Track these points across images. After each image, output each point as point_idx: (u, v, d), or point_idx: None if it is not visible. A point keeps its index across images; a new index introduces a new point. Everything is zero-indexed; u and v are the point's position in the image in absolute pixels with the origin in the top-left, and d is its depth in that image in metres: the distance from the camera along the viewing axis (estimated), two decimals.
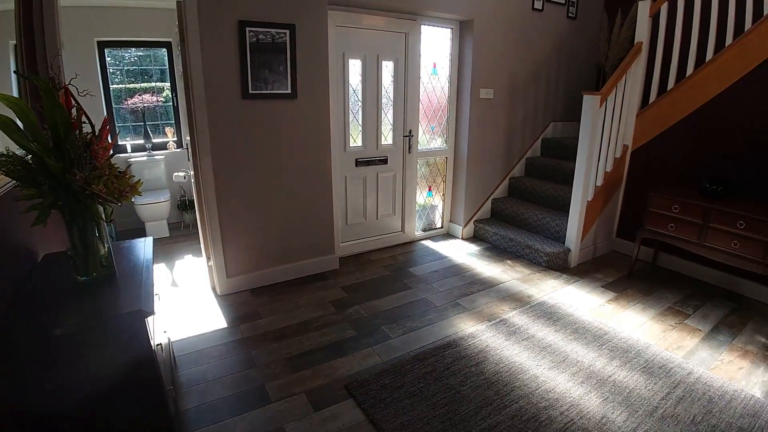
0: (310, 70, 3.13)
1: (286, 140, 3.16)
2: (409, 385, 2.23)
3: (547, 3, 4.35)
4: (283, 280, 3.39)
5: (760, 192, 3.23)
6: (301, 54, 3.07)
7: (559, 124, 4.86)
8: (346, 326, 2.78)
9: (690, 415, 2.10)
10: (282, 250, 3.35)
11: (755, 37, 3.14)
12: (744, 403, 2.19)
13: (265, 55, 2.92)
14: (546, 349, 2.58)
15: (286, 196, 3.26)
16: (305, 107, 3.18)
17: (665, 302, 3.24)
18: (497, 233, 4.15)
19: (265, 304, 3.04)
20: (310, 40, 3.08)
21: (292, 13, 2.98)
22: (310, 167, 3.31)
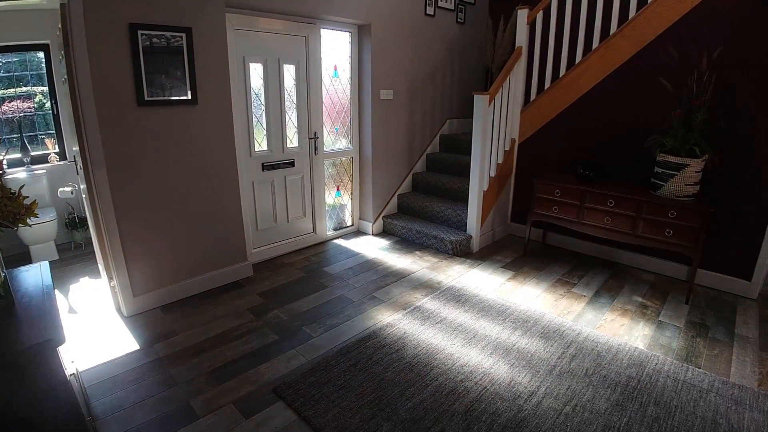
0: (210, 74, 3.06)
1: (189, 148, 3.06)
2: (335, 380, 2.33)
3: (438, 9, 4.66)
4: (196, 293, 3.29)
5: (624, 174, 3.80)
6: (200, 58, 2.99)
7: (455, 121, 5.23)
8: (267, 331, 2.80)
9: (583, 369, 2.45)
10: (192, 263, 3.24)
11: (619, 41, 3.66)
12: (629, 354, 2.61)
13: (161, 59, 2.81)
14: (458, 329, 2.82)
15: (192, 206, 3.15)
16: (207, 113, 3.10)
17: (555, 275, 3.68)
18: (405, 227, 4.38)
19: (179, 320, 2.94)
20: (208, 44, 3.02)
21: (188, 15, 2.89)
22: (215, 175, 3.24)
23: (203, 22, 2.97)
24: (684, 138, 3.19)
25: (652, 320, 3.03)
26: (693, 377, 2.42)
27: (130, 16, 2.65)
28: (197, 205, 3.18)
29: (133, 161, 2.82)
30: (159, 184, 2.96)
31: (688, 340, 2.81)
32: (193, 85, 2.99)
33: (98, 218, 2.81)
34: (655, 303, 3.27)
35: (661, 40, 3.49)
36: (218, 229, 3.33)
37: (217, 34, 3.05)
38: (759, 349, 2.73)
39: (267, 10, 3.40)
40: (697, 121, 3.16)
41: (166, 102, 2.88)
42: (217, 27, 3.05)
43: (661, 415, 2.13)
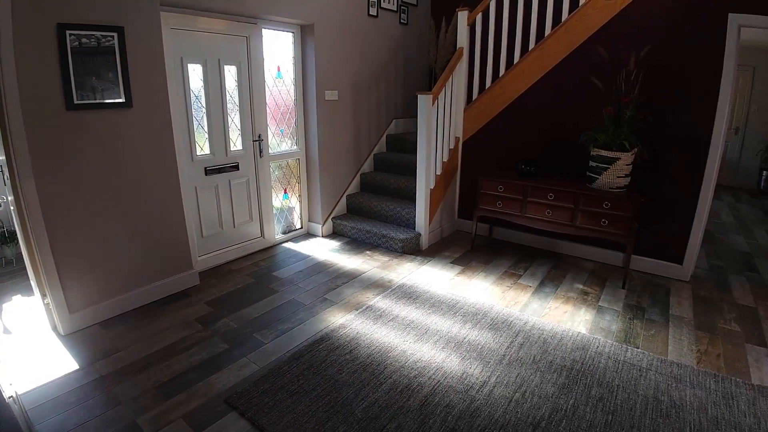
0: (145, 76, 2.92)
1: (126, 154, 2.90)
2: (289, 385, 2.29)
3: (381, 10, 4.70)
4: (139, 306, 3.12)
5: (562, 169, 3.98)
6: (134, 59, 2.84)
7: (401, 120, 5.28)
8: (217, 341, 2.71)
9: (531, 357, 2.54)
10: (133, 274, 3.08)
11: (553, 42, 3.83)
12: (573, 339, 2.73)
13: (91, 60, 2.65)
14: (410, 326, 2.85)
15: (130, 215, 2.99)
16: (143, 116, 2.96)
17: (502, 268, 3.80)
18: (355, 227, 4.38)
19: (121, 335, 2.78)
20: (142, 44, 2.88)
21: (120, 14, 2.74)
22: (155, 181, 3.09)
23: (137, 21, 2.83)
24: (615, 133, 3.39)
25: (592, 306, 3.19)
26: (632, 357, 2.57)
27: (58, 15, 2.48)
28: (136, 213, 3.03)
29: (63, 170, 2.64)
30: (93, 193, 2.79)
31: (626, 322, 2.98)
32: (127, 87, 2.84)
33: (28, 232, 2.61)
34: (594, 289, 3.45)
35: (592, 41, 3.69)
36: (160, 238, 3.19)
37: (152, 33, 2.92)
38: (695, 328, 2.94)
39: (205, 9, 3.29)
40: (626, 117, 3.36)
41: (98, 105, 2.72)
42: (152, 26, 2.91)
43: (605, 395, 2.25)
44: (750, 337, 2.84)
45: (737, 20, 3.15)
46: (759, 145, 7.20)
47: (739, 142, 7.49)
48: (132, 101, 2.88)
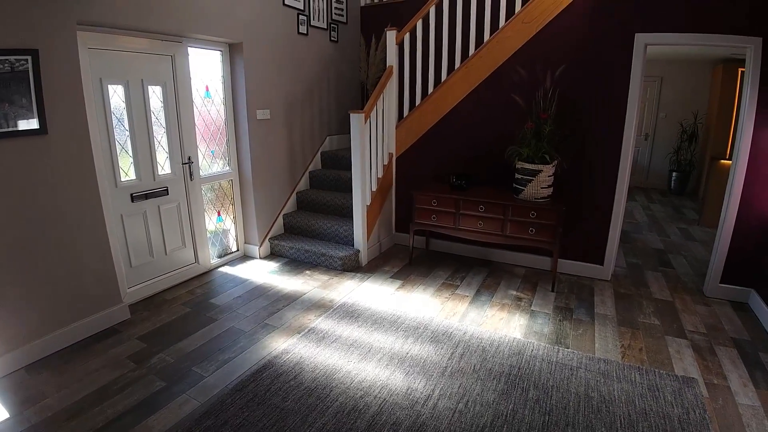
0: (61, 99, 2.74)
1: (42, 183, 2.69)
2: (233, 419, 2.22)
3: (311, 28, 4.72)
4: (65, 347, 2.88)
5: (491, 182, 4.19)
6: (49, 82, 2.66)
7: (335, 137, 5.31)
8: (153, 379, 2.57)
9: (471, 366, 2.64)
10: (57, 313, 2.85)
11: (477, 62, 4.04)
12: (509, 345, 2.86)
13: (5, 86, 2.45)
14: (353, 345, 2.86)
15: (50, 250, 2.77)
16: (60, 143, 2.77)
17: (440, 279, 3.92)
18: (293, 247, 4.33)
19: (49, 380, 2.55)
20: (58, 66, 2.70)
21: (34, 36, 2.56)
22: (75, 211, 2.89)
23: (52, 42, 2.65)
24: (536, 147, 3.62)
25: (525, 311, 3.37)
26: (563, 357, 2.74)
27: None
28: (56, 247, 2.81)
29: None
30: (7, 228, 2.56)
31: (556, 324, 3.18)
32: (42, 113, 2.65)
33: None
34: (527, 294, 3.64)
35: (511, 61, 3.94)
36: (84, 272, 2.98)
37: (68, 54, 2.75)
38: (617, 324, 3.19)
39: (126, 28, 3.14)
40: (546, 132, 3.61)
41: (11, 134, 2.51)
42: (68, 47, 2.75)
43: (541, 396, 2.39)
44: (669, 330, 3.12)
45: (643, 39, 3.50)
46: (668, 149, 7.96)
47: (649, 146, 8.25)
48: (47, 127, 2.69)
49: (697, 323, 3.21)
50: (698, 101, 7.62)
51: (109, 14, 2.93)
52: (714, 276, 3.63)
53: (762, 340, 3.03)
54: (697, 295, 3.68)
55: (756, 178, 3.37)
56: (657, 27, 3.45)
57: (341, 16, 5.24)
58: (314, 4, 4.75)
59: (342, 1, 5.22)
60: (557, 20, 3.75)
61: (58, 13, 2.66)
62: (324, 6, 4.92)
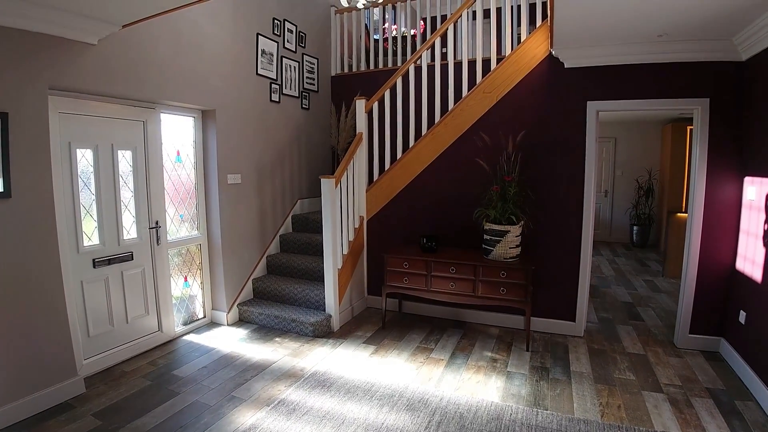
0: (27, 163, 2.69)
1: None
2: None
3: (283, 96, 4.88)
4: (13, 423, 2.63)
5: (460, 243, 4.25)
6: (17, 145, 2.62)
7: (306, 200, 5.35)
8: None
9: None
10: (5, 386, 2.62)
11: (442, 129, 4.23)
12: (487, 410, 2.79)
13: None
14: (326, 417, 2.72)
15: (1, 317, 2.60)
16: (22, 207, 2.68)
17: (414, 343, 3.84)
18: (262, 312, 4.20)
19: None
20: (27, 130, 2.67)
21: (5, 99, 2.55)
22: (31, 277, 2.74)
23: (23, 106, 2.65)
24: (503, 209, 3.74)
25: (502, 372, 3.32)
26: (543, 420, 2.68)
27: None
28: (9, 313, 2.63)
29: None
30: None
31: (533, 384, 3.13)
32: (7, 176, 2.59)
33: None
34: (502, 355, 3.60)
35: (475, 127, 4.14)
36: (38, 342, 2.78)
37: (38, 118, 2.74)
38: (594, 381, 3.17)
39: (98, 94, 3.16)
40: (511, 194, 3.74)
41: None
42: (39, 111, 2.74)
43: None
44: (645, 384, 3.12)
45: (595, 106, 3.77)
46: (627, 204, 8.34)
47: (609, 202, 8.63)
48: (11, 191, 2.62)
49: (672, 376, 3.23)
50: (651, 158, 8.13)
51: (82, 80, 2.97)
52: (683, 327, 3.70)
53: (736, 387, 3.06)
54: (669, 347, 3.72)
55: (712, 230, 3.54)
56: (607, 95, 3.73)
57: (312, 84, 5.45)
58: (287, 73, 4.94)
59: (313, 71, 5.45)
60: (516, 89, 4.02)
61: (31, 77, 2.68)
62: (296, 75, 5.12)
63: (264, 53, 4.55)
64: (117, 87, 3.19)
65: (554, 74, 3.89)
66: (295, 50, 5.06)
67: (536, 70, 3.97)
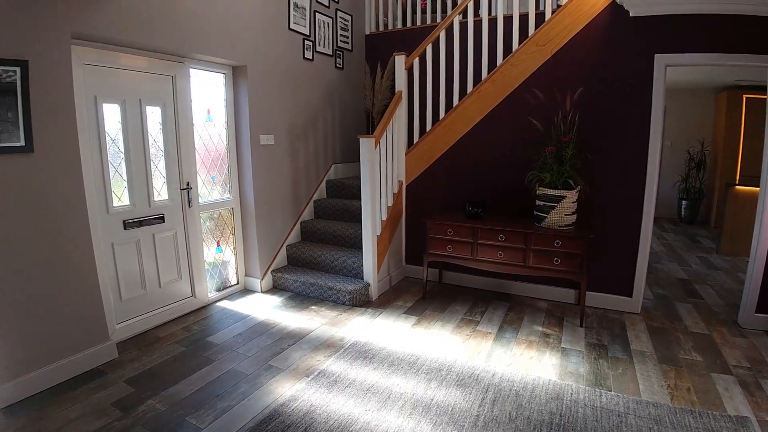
0: (50, 116, 2.50)
1: (24, 207, 2.41)
2: None
3: (317, 53, 4.59)
4: (46, 388, 2.53)
5: (507, 209, 3.95)
6: (38, 97, 2.43)
7: (340, 165, 5.09)
8: (141, 431, 2.21)
9: (506, 414, 2.31)
10: (37, 351, 2.51)
11: (490, 86, 3.87)
12: (545, 389, 2.54)
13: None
14: (370, 391, 2.52)
15: (31, 280, 2.46)
16: (47, 162, 2.51)
17: (458, 315, 3.60)
18: (297, 280, 4.02)
19: (26, 427, 2.19)
20: (49, 80, 2.47)
21: (23, 47, 2.34)
22: (60, 238, 2.60)
23: (43, 54, 2.44)
24: (559, 172, 3.40)
25: (555, 348, 3.06)
26: (608, 402, 2.42)
27: None
28: (39, 278, 2.50)
29: None
30: None
31: (592, 363, 2.86)
32: (28, 129, 2.40)
33: None
34: (554, 330, 3.33)
35: (527, 84, 3.77)
36: (68, 307, 2.65)
37: (61, 68, 2.53)
38: (658, 361, 2.88)
39: (124, 44, 2.95)
40: (568, 156, 3.40)
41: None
42: (61, 61, 2.53)
43: None
44: (713, 366, 2.82)
45: (663, 60, 3.35)
46: (675, 177, 7.81)
47: None
48: (33, 145, 2.43)
49: (739, 357, 2.93)
50: (703, 129, 7.55)
51: (107, 28, 2.74)
52: (749, 306, 3.36)
53: None
54: (733, 327, 3.40)
55: None
56: (677, 47, 3.31)
57: (346, 42, 5.13)
58: (320, 30, 4.63)
59: (347, 29, 5.12)
60: (573, 42, 3.62)
61: (52, 23, 2.46)
62: (330, 33, 4.80)
63: (297, 6, 4.25)
64: (144, 37, 2.95)
65: (617, 24, 3.48)
66: (328, 5, 4.73)
67: (596, 20, 3.56)
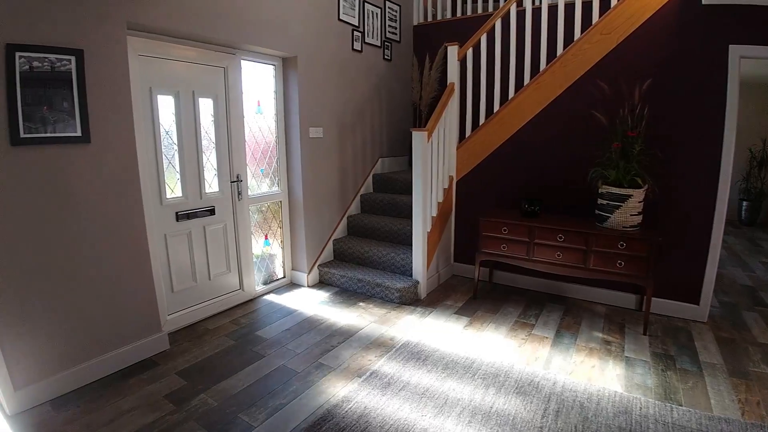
0: (107, 106, 2.50)
1: (81, 196, 2.43)
2: None
3: (365, 45, 4.49)
4: (97, 379, 2.55)
5: (565, 208, 3.74)
6: (94, 87, 2.43)
7: (387, 159, 4.99)
8: (194, 426, 2.18)
9: (571, 427, 2.16)
10: (90, 341, 2.53)
11: (549, 77, 3.67)
12: (611, 401, 2.37)
13: (44, 87, 2.22)
14: (425, 395, 2.42)
15: (86, 270, 2.48)
16: (103, 153, 2.51)
17: (511, 317, 3.45)
18: (344, 275, 3.95)
19: (77, 419, 2.21)
20: (105, 70, 2.47)
21: (79, 35, 2.34)
22: (116, 229, 2.61)
23: (99, 44, 2.43)
24: (625, 169, 3.18)
25: (619, 357, 2.87)
26: (680, 417, 2.24)
27: (8, 35, 2.08)
28: (93, 268, 2.52)
29: (3, 214, 2.14)
30: (40, 244, 2.29)
31: (659, 375, 2.67)
32: (85, 119, 2.40)
33: None
34: (615, 337, 3.14)
35: (590, 74, 3.55)
36: (122, 297, 2.67)
37: (117, 58, 2.52)
38: (728, 375, 2.66)
39: (177, 36, 2.94)
40: (635, 152, 3.17)
41: (49, 140, 2.27)
42: (117, 51, 2.52)
43: None
44: None
45: (738, 51, 3.08)
46: (737, 176, 7.31)
47: None
48: (90, 136, 2.44)
49: None
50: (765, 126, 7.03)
51: (162, 19, 2.72)
52: None
53: None
54: None
55: None
56: (754, 38, 3.02)
57: (395, 33, 5.01)
58: (369, 21, 4.53)
59: (396, 19, 5.00)
60: (640, 30, 3.38)
61: (107, 12, 2.45)
62: (378, 23, 4.69)
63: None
64: (197, 28, 2.92)
65: (688, 12, 3.21)
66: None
67: (666, 8, 3.30)
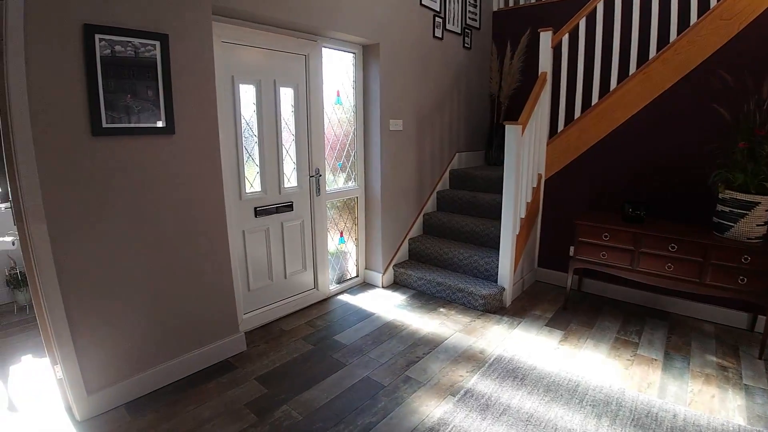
0: (191, 96, 2.37)
1: (163, 191, 2.32)
2: None
3: (446, 32, 4.21)
4: (173, 381, 2.47)
5: (674, 214, 3.34)
6: (179, 75, 2.30)
7: (464, 154, 4.71)
8: None
9: None
10: (167, 341, 2.45)
11: (659, 66, 3.27)
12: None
13: (126, 74, 2.11)
14: (530, 422, 2.17)
15: (166, 268, 2.39)
16: (187, 145, 2.39)
17: (610, 333, 3.12)
18: (422, 277, 3.73)
19: (153, 426, 2.12)
20: (190, 57, 2.34)
21: (164, 18, 2.22)
22: (197, 225, 2.50)
23: (184, 29, 2.30)
24: (754, 172, 2.77)
25: (737, 385, 2.51)
26: None
27: (86, 14, 1.96)
28: (174, 265, 2.43)
29: (84, 211, 2.06)
30: (120, 240, 2.20)
31: None
32: (169, 109, 2.29)
33: (36, 285, 2.02)
34: (731, 362, 2.76)
35: (709, 64, 3.12)
36: (201, 296, 2.57)
37: (203, 45, 2.39)
38: None
39: (261, 21, 2.78)
40: (764, 154, 2.75)
41: (132, 130, 2.16)
42: (203, 37, 2.39)
43: None
44: None
45: None
46: None
47: None
48: (174, 126, 2.32)
49: None
50: None
51: (247, 2, 2.56)
52: None
53: None
54: None
55: None
56: None
57: (474, 20, 4.69)
58: (450, 5, 4.24)
59: (476, 5, 4.67)
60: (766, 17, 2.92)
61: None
62: (459, 8, 4.39)
63: None
64: (280, 12, 2.75)
65: None
66: None
67: None
